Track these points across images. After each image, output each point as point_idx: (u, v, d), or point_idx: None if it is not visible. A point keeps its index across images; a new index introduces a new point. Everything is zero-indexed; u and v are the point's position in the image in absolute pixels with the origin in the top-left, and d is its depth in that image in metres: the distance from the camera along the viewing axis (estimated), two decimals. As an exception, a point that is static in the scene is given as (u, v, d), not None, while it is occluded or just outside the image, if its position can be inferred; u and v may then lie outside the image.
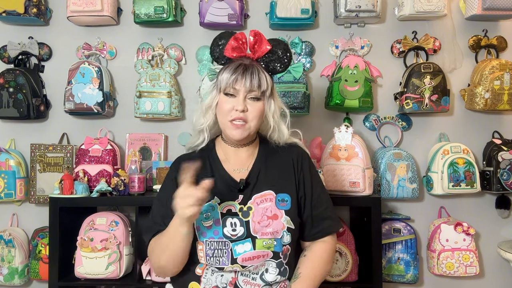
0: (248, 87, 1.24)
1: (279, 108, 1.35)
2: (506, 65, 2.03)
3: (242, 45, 1.28)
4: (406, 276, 1.99)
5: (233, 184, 1.29)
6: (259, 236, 1.23)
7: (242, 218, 1.24)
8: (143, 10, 2.01)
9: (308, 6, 2.00)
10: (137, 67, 2.10)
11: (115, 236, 1.82)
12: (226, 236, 1.22)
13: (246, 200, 1.27)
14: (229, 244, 1.22)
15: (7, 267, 2.02)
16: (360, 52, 2.14)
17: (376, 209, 1.81)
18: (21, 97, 2.01)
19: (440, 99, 2.02)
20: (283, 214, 1.26)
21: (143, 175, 1.91)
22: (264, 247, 1.23)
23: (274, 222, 1.24)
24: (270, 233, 1.23)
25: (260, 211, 1.25)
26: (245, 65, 1.25)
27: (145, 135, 2.12)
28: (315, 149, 2.02)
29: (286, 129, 1.36)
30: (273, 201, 1.26)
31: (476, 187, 2.00)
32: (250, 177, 1.31)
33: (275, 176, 1.31)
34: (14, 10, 2.01)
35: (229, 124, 1.26)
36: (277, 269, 1.25)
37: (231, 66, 1.26)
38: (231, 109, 1.25)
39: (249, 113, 1.26)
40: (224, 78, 1.25)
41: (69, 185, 1.83)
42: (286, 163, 1.34)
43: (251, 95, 1.26)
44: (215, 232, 1.23)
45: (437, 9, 2.02)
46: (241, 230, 1.23)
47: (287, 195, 1.28)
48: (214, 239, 1.22)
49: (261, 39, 1.28)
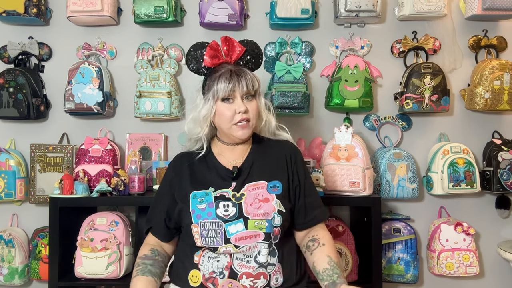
0: (245, 89, 1.32)
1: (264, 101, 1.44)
2: (506, 65, 2.03)
3: (218, 52, 1.35)
4: (406, 276, 1.99)
5: (227, 173, 1.37)
6: (250, 217, 1.28)
7: (235, 202, 1.30)
8: (143, 10, 2.01)
9: (308, 6, 2.00)
10: (137, 67, 2.10)
11: (115, 236, 1.82)
12: (219, 217, 1.28)
13: (239, 188, 1.33)
14: (222, 224, 1.27)
15: (7, 267, 2.02)
16: (360, 52, 2.14)
17: (376, 209, 1.81)
18: (21, 97, 2.01)
19: (440, 99, 2.02)
20: (274, 197, 1.32)
21: (143, 175, 1.91)
22: (256, 227, 1.28)
23: (265, 205, 1.30)
24: (261, 214, 1.29)
25: (252, 196, 1.31)
26: (234, 71, 1.32)
27: (145, 135, 2.12)
28: (315, 149, 2.02)
29: (273, 118, 1.45)
30: (265, 188, 1.33)
31: (476, 187, 2.00)
32: (243, 166, 1.38)
33: (267, 168, 1.38)
34: (14, 10, 2.01)
35: (234, 127, 1.33)
36: (267, 250, 1.29)
37: (223, 76, 1.32)
38: (234, 113, 1.32)
39: (250, 112, 1.33)
40: (222, 88, 1.31)
41: (69, 185, 1.83)
42: (279, 157, 1.41)
43: (246, 95, 1.34)
44: (208, 213, 1.29)
45: (437, 9, 2.02)
46: (233, 210, 1.29)
47: (279, 181, 1.35)
48: (208, 219, 1.28)
49: (232, 43, 1.36)
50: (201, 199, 1.31)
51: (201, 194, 1.32)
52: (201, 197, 1.31)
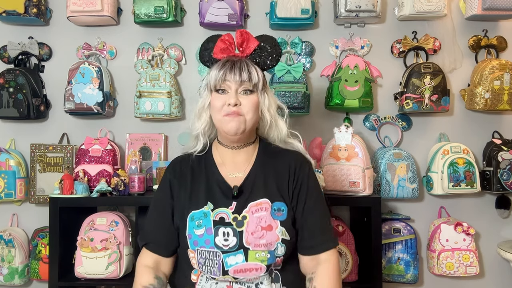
0: (238, 80, 1.20)
1: (274, 103, 1.31)
2: (506, 65, 2.03)
3: (229, 45, 1.27)
4: (406, 276, 1.99)
5: (227, 190, 1.24)
6: (251, 248, 1.17)
7: (236, 228, 1.18)
8: (143, 10, 2.01)
9: (308, 6, 2.00)
10: (137, 67, 2.10)
11: (115, 236, 1.82)
12: (218, 246, 1.17)
13: (240, 209, 1.21)
14: (220, 255, 1.17)
15: (7, 267, 2.02)
16: (360, 52, 2.14)
17: (376, 209, 1.81)
18: (21, 97, 2.01)
19: (440, 99, 2.02)
20: (278, 224, 1.20)
21: (143, 175, 1.91)
22: (257, 260, 1.17)
23: (268, 234, 1.18)
24: (264, 244, 1.17)
25: (255, 221, 1.19)
26: (233, 60, 1.23)
27: (145, 135, 2.12)
28: (315, 149, 2.02)
29: (285, 125, 1.31)
30: (269, 210, 1.20)
31: (476, 187, 2.00)
32: (245, 183, 1.25)
33: (272, 183, 1.25)
34: (14, 10, 2.01)
35: (222, 118, 1.21)
36: (270, 279, 1.22)
37: (219, 63, 1.24)
38: (223, 105, 1.21)
39: (243, 107, 1.21)
40: (213, 75, 1.22)
41: (69, 185, 1.83)
42: (284, 171, 1.27)
43: (243, 88, 1.22)
44: (206, 241, 1.18)
45: (437, 9, 2.02)
46: (233, 240, 1.17)
47: (284, 204, 1.23)
48: (205, 248, 1.18)
49: (248, 37, 1.27)
50: (199, 223, 1.20)
51: (199, 216, 1.21)
52: (199, 220, 1.20)
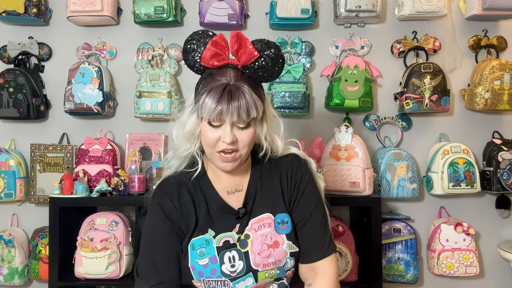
0: (236, 119, 1.04)
1: (272, 123, 1.17)
2: (506, 65, 2.03)
3: (222, 50, 1.07)
4: (406, 276, 1.99)
5: (229, 211, 1.15)
6: (260, 269, 1.12)
7: (241, 249, 1.12)
8: (143, 10, 2.01)
9: (308, 6, 2.00)
10: (137, 67, 2.10)
11: (115, 236, 1.82)
12: (225, 275, 1.11)
13: (243, 228, 1.14)
14: (229, 283, 1.11)
15: (7, 267, 2.02)
16: (360, 52, 2.14)
17: (376, 209, 1.81)
18: (21, 97, 2.01)
19: (440, 99, 2.02)
20: (285, 239, 1.14)
21: (143, 175, 1.91)
22: (267, 278, 1.14)
23: (276, 251, 1.12)
24: (273, 263, 1.12)
25: (259, 239, 1.12)
26: (230, 90, 1.02)
27: (145, 135, 2.12)
28: (315, 149, 2.02)
29: (281, 142, 1.19)
30: (272, 225, 1.14)
31: (476, 187, 2.00)
32: (246, 200, 1.17)
33: (271, 195, 1.18)
34: (14, 10, 2.01)
35: (216, 155, 1.09)
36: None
37: (214, 92, 1.03)
38: (217, 140, 1.07)
39: (240, 142, 1.08)
40: (207, 107, 1.03)
41: (69, 185, 1.83)
42: (282, 178, 1.19)
43: (240, 125, 1.07)
44: (212, 271, 1.11)
45: (437, 9, 2.02)
46: (240, 264, 1.11)
47: (286, 215, 1.16)
48: (212, 278, 1.11)
49: (245, 42, 1.07)
50: (201, 252, 1.11)
51: (201, 243, 1.12)
52: (201, 248, 1.11)
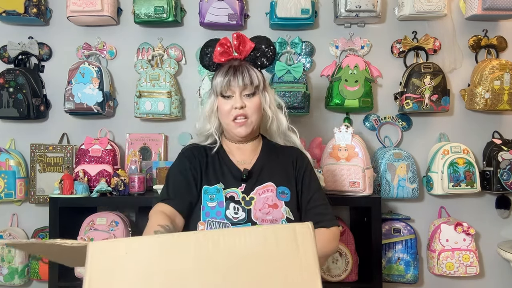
0: (241, 85, 1.32)
1: (274, 100, 1.44)
2: (506, 65, 2.03)
3: (228, 48, 1.36)
4: (406, 276, 1.99)
5: (237, 173, 1.36)
6: (259, 222, 1.28)
7: (245, 206, 1.30)
8: (143, 10, 2.01)
9: (308, 6, 2.00)
10: (137, 67, 2.10)
11: (115, 236, 1.82)
12: (228, 218, 1.28)
13: (248, 191, 1.33)
14: (230, 226, 1.27)
15: (7, 267, 2.02)
16: (360, 52, 2.14)
17: (376, 209, 1.81)
18: (21, 97, 2.01)
19: (440, 99, 2.02)
20: (283, 204, 1.32)
21: (143, 175, 1.91)
22: None
23: (274, 211, 1.30)
24: (270, 220, 1.29)
25: (262, 200, 1.31)
26: (234, 66, 1.33)
27: (145, 135, 2.12)
28: (315, 149, 2.02)
29: (284, 118, 1.44)
30: (274, 192, 1.33)
31: (476, 187, 2.00)
32: (253, 170, 1.37)
33: (276, 172, 1.38)
34: (14, 10, 2.01)
35: (232, 123, 1.34)
36: None
37: (222, 70, 1.34)
38: (231, 109, 1.33)
39: (248, 109, 1.33)
40: (218, 82, 1.33)
41: (69, 185, 1.83)
42: (287, 162, 1.40)
43: (246, 92, 1.34)
44: (217, 213, 1.29)
45: (437, 9, 2.02)
46: (242, 214, 1.29)
47: (287, 188, 1.35)
48: (216, 219, 1.28)
49: (244, 39, 1.37)
50: (212, 197, 1.31)
51: (212, 191, 1.32)
52: (212, 194, 1.31)
